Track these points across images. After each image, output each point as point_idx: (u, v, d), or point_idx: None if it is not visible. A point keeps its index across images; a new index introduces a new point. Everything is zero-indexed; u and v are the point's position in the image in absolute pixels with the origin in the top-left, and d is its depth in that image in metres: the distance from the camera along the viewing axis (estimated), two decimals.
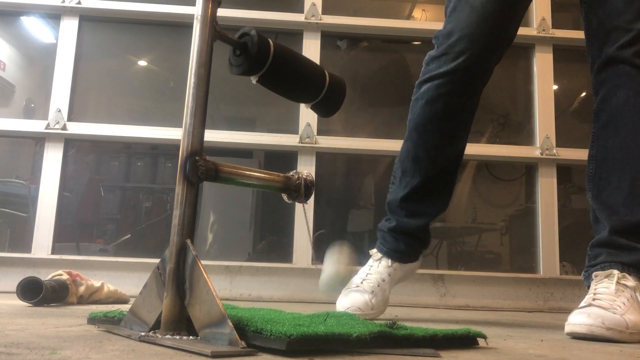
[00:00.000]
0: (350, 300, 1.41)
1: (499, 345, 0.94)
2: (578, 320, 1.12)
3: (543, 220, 2.36)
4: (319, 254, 2.35)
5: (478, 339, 0.89)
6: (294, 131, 2.37)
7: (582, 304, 1.19)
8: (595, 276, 1.24)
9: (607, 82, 1.32)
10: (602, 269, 1.25)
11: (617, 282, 1.19)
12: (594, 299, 1.17)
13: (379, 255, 1.50)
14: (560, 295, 2.23)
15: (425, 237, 1.53)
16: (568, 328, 1.14)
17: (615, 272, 1.21)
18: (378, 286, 1.44)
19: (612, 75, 1.32)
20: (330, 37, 2.54)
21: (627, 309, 1.14)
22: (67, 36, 2.41)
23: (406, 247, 1.50)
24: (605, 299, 1.16)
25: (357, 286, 1.44)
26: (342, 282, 0.91)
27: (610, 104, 1.31)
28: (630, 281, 1.20)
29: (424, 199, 1.49)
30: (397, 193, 1.51)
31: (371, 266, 1.49)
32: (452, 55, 1.39)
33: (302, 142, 2.34)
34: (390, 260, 1.49)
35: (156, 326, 0.82)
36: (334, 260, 0.86)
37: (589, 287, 1.26)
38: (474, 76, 1.41)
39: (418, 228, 1.50)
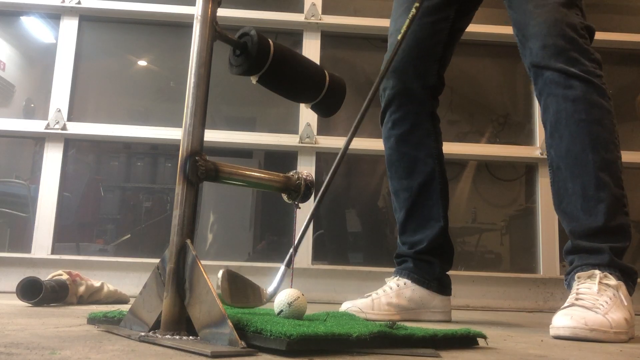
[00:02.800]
0: (353, 302, 1.47)
1: (499, 345, 0.94)
2: (561, 323, 1.12)
3: (543, 220, 2.36)
4: (317, 253, 2.35)
5: (478, 339, 0.89)
6: (294, 131, 2.37)
7: (565, 304, 1.19)
8: (578, 277, 1.24)
9: (543, 92, 1.35)
10: (579, 271, 1.25)
11: (600, 282, 1.19)
12: (576, 299, 1.17)
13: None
14: (560, 295, 2.23)
15: (428, 258, 1.55)
16: (552, 331, 1.13)
17: (597, 272, 1.21)
18: (383, 291, 1.49)
19: (543, 85, 1.34)
20: (330, 37, 2.54)
21: (609, 308, 1.13)
22: (67, 36, 2.41)
23: (414, 266, 1.54)
24: (587, 298, 1.16)
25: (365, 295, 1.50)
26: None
27: (549, 113, 1.34)
28: (612, 280, 1.20)
29: (415, 228, 1.57)
30: (398, 231, 1.62)
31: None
32: (382, 93, 1.61)
33: (302, 142, 2.34)
34: (399, 276, 1.54)
35: (156, 326, 0.82)
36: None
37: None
38: (402, 105, 1.57)
39: (415, 253, 1.55)
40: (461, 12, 1.61)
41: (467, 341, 0.88)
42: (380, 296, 1.47)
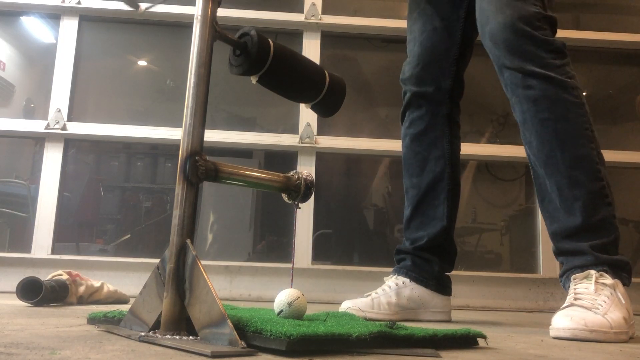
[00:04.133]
0: (353, 301, 1.47)
1: (499, 345, 0.94)
2: (561, 324, 1.11)
3: (543, 220, 2.36)
4: (317, 253, 2.35)
5: (478, 339, 0.89)
6: (294, 131, 2.37)
7: (565, 304, 1.19)
8: (574, 278, 1.23)
9: (507, 92, 1.35)
10: (573, 272, 1.24)
11: (596, 282, 1.18)
12: (575, 299, 1.17)
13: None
14: (560, 295, 2.23)
15: (427, 256, 1.56)
16: (552, 332, 1.13)
17: (593, 272, 1.21)
18: (383, 290, 1.50)
19: (505, 85, 1.34)
20: (330, 37, 2.54)
21: (608, 308, 1.13)
22: (67, 36, 2.41)
23: (412, 264, 1.55)
24: (586, 298, 1.16)
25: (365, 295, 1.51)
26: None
27: (517, 113, 1.34)
28: (608, 279, 1.19)
29: (418, 225, 1.58)
30: (404, 227, 1.63)
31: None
32: (403, 96, 1.64)
33: (302, 142, 2.34)
34: (397, 275, 1.55)
35: (156, 326, 0.82)
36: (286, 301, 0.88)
37: (568, 289, 1.25)
38: (420, 106, 1.60)
39: (414, 249, 1.56)
40: (471, 11, 1.59)
41: (467, 341, 0.88)
42: (380, 295, 1.48)
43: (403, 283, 1.52)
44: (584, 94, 1.33)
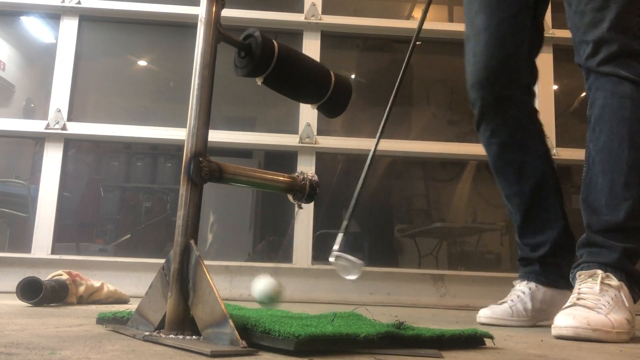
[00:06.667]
0: (492, 310, 1.48)
1: (499, 345, 0.94)
2: (564, 322, 1.12)
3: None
4: (317, 253, 2.35)
5: (485, 339, 0.89)
6: (294, 131, 2.37)
7: (567, 303, 1.19)
8: (579, 276, 1.24)
9: (592, 87, 1.34)
10: (583, 269, 1.25)
11: (601, 282, 1.19)
12: (578, 299, 1.18)
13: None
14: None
15: (554, 260, 1.53)
16: (555, 331, 1.14)
17: (599, 272, 1.21)
18: (518, 297, 1.49)
19: (594, 81, 1.33)
20: (330, 37, 2.54)
21: (611, 308, 1.14)
22: (67, 36, 2.41)
23: (540, 269, 1.52)
24: (589, 298, 1.17)
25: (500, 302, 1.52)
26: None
27: (595, 107, 1.33)
28: (614, 281, 1.20)
29: (534, 230, 1.53)
30: (517, 233, 1.59)
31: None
32: (473, 105, 1.52)
33: (302, 142, 2.34)
34: (527, 281, 1.53)
35: (161, 326, 0.82)
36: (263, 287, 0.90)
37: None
38: (499, 112, 1.48)
39: (540, 257, 1.52)
40: None
41: (474, 342, 0.88)
42: (516, 303, 1.47)
43: (536, 287, 1.50)
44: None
